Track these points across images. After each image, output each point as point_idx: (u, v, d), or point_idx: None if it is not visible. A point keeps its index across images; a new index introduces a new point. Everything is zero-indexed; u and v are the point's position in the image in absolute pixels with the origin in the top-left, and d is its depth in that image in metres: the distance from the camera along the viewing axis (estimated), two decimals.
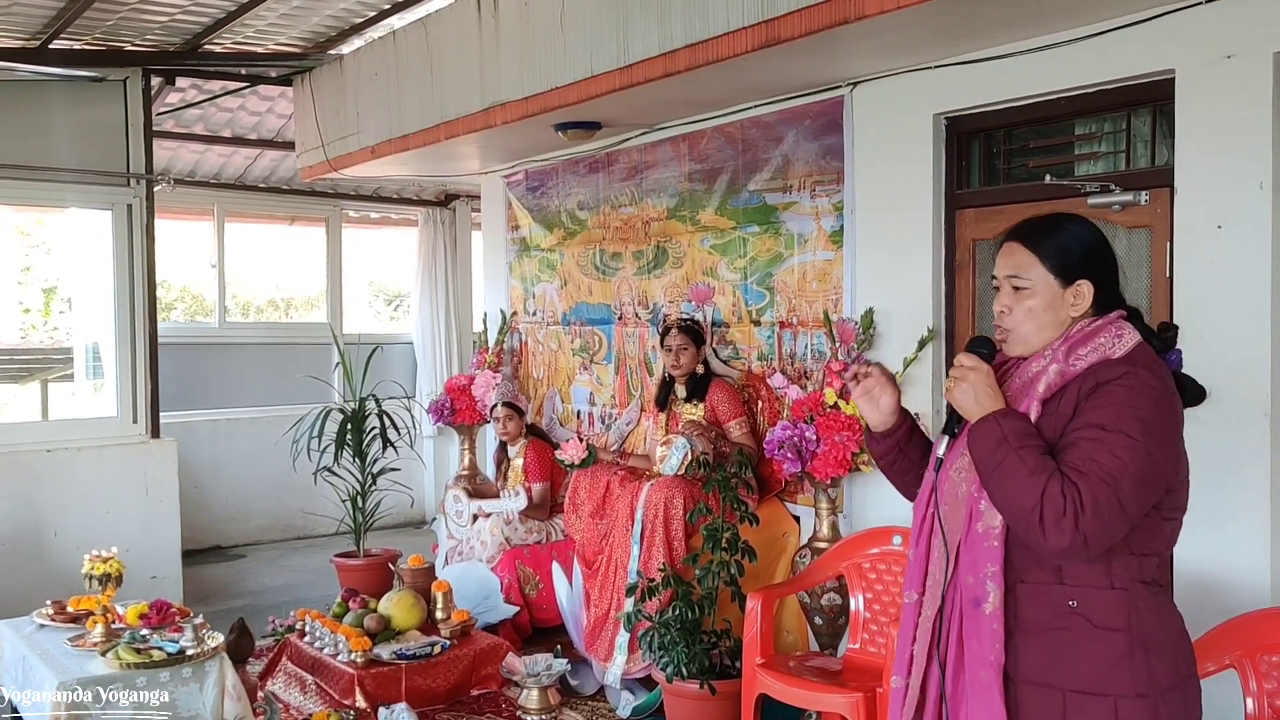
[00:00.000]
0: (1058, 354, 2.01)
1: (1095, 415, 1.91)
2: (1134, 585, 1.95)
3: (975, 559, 2.00)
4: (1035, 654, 1.96)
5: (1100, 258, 2.08)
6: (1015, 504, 1.89)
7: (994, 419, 1.95)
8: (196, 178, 8.26)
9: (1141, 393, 1.90)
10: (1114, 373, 1.93)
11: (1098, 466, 1.85)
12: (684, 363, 5.12)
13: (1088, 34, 3.74)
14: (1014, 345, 2.09)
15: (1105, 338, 2.00)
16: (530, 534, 5.68)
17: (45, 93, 6.38)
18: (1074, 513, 1.83)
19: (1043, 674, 1.95)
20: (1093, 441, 1.88)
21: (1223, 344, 3.47)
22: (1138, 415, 1.88)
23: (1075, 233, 2.08)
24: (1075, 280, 2.04)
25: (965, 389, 2.00)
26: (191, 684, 3.80)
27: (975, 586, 1.99)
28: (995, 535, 1.98)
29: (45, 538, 6.16)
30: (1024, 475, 1.87)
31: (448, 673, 4.66)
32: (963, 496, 2.04)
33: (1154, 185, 3.71)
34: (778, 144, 4.99)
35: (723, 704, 4.13)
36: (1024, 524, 1.89)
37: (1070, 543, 1.84)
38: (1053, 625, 1.96)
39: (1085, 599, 1.94)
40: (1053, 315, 2.04)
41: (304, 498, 7.63)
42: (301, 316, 10.24)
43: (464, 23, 5.50)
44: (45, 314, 9.81)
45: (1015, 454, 1.89)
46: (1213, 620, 3.31)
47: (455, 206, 9.41)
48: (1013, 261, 2.08)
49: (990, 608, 1.96)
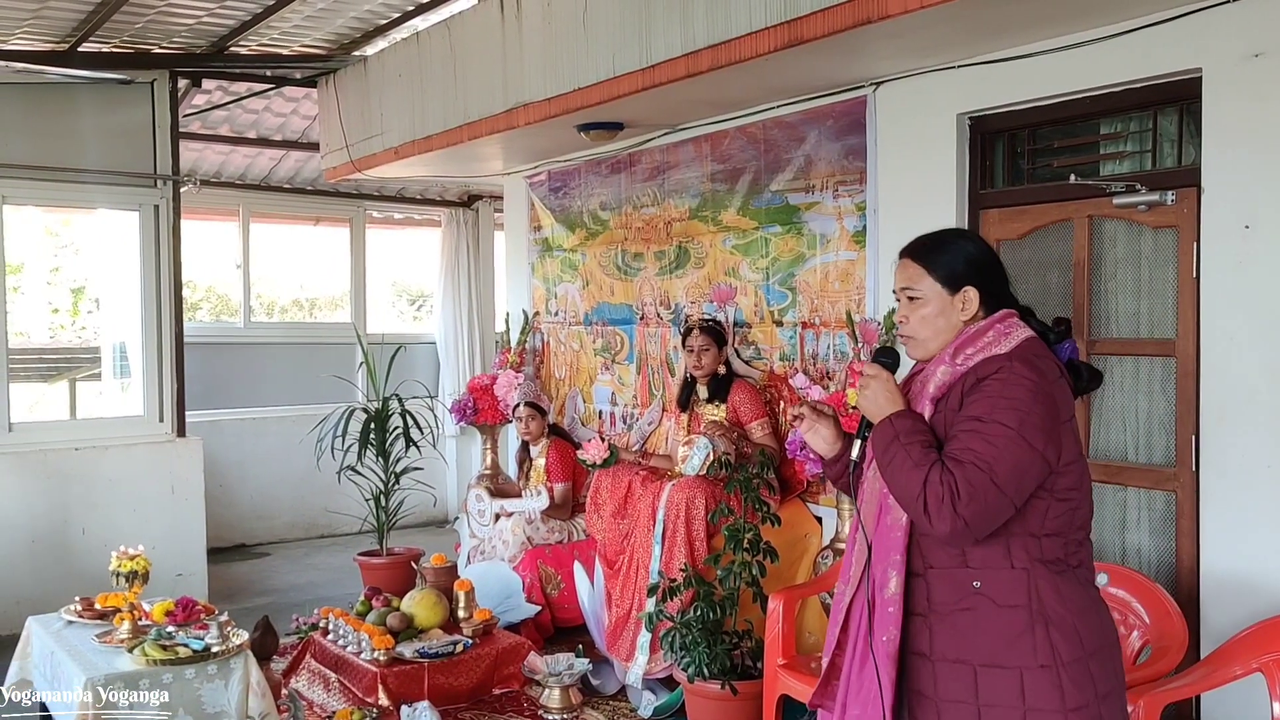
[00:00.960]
0: (944, 356, 2.19)
1: (973, 409, 2.08)
2: (1033, 564, 2.09)
3: (884, 549, 2.17)
4: (947, 633, 2.11)
5: (983, 265, 2.26)
6: (904, 493, 2.07)
7: (889, 420, 2.15)
8: (222, 179, 8.33)
9: (1016, 384, 2.06)
10: (992, 368, 2.10)
11: (973, 454, 2.02)
12: (706, 363, 5.11)
13: (1113, 33, 3.71)
14: (915, 349, 2.28)
15: (992, 336, 2.16)
16: (552, 533, 5.69)
17: (74, 95, 6.45)
18: (950, 498, 2.00)
19: (955, 651, 2.10)
20: (970, 433, 2.05)
21: (1251, 344, 3.44)
22: (1011, 405, 2.04)
23: (959, 245, 2.28)
24: (961, 287, 2.22)
25: (868, 395, 2.20)
26: (217, 681, 3.83)
27: (881, 574, 2.16)
28: (900, 527, 2.15)
29: (73, 535, 6.22)
30: (909, 467, 2.06)
31: (470, 671, 4.68)
32: (875, 493, 2.23)
33: (1181, 185, 3.68)
34: (800, 144, 4.98)
35: (744, 705, 4.12)
36: (913, 512, 2.07)
37: (951, 526, 2.01)
38: (960, 605, 2.11)
39: (988, 579, 2.09)
40: (945, 320, 2.22)
41: (328, 496, 7.68)
42: (326, 316, 10.30)
43: (487, 24, 5.52)
44: (73, 314, 9.91)
45: (904, 449, 2.08)
46: (1242, 623, 3.29)
47: (478, 207, 9.44)
48: (905, 275, 2.27)
49: (889, 592, 2.13)
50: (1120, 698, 2.17)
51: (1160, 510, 3.82)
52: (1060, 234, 4.10)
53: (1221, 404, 3.54)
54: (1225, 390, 3.52)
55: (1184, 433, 3.69)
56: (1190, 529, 3.67)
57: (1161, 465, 3.80)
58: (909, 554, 2.14)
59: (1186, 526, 3.70)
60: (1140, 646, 3.40)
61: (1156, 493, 3.82)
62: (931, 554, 2.13)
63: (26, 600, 5.66)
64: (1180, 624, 3.35)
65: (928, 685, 2.12)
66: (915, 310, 2.25)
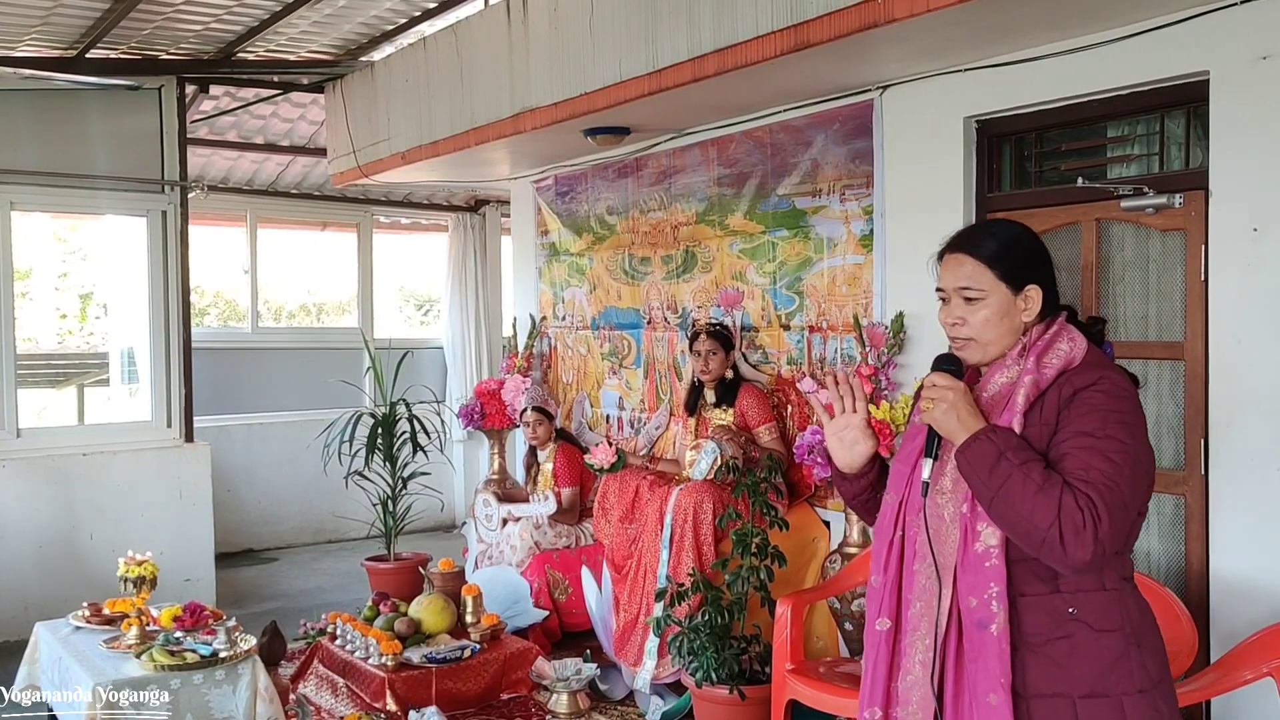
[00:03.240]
0: (1028, 364, 2.00)
1: (1082, 423, 1.91)
2: (1121, 584, 1.97)
3: (977, 581, 1.95)
4: (1042, 666, 1.93)
5: (1042, 261, 2.09)
6: (1027, 522, 1.85)
7: (985, 437, 1.92)
8: (229, 184, 8.35)
9: (1119, 396, 1.93)
10: (1089, 378, 1.94)
11: (1100, 474, 1.85)
12: (713, 367, 5.11)
13: (1120, 35, 3.71)
14: (974, 353, 2.07)
15: (1064, 343, 2.01)
16: (560, 538, 5.69)
17: (82, 101, 6.48)
18: (1093, 523, 1.81)
19: (1051, 685, 1.93)
20: (1088, 450, 1.88)
21: (1260, 347, 3.43)
22: (1121, 419, 1.91)
23: (1015, 236, 2.09)
24: (1024, 285, 2.04)
25: (946, 409, 1.97)
26: (224, 686, 3.83)
27: (980, 609, 1.94)
28: (995, 555, 1.94)
29: (81, 541, 6.24)
30: (1033, 492, 1.84)
31: (478, 676, 4.67)
32: (952, 518, 2.00)
33: (1188, 188, 3.66)
34: (807, 148, 4.98)
35: (752, 709, 4.11)
36: (1038, 541, 1.85)
37: (1092, 554, 1.82)
38: (1055, 635, 1.94)
39: (1082, 604, 1.94)
40: (1009, 322, 2.05)
41: (335, 501, 7.69)
42: (333, 321, 10.32)
43: (494, 29, 5.53)
44: (81, 319, 9.93)
45: (1019, 470, 1.86)
46: (1252, 627, 3.28)
47: (485, 212, 9.45)
48: (962, 271, 2.06)
49: (998, 628, 1.92)
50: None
51: (1169, 514, 3.81)
52: (1068, 237, 4.09)
53: (1230, 407, 3.52)
54: (1234, 393, 3.51)
55: (1193, 436, 3.68)
56: (1199, 532, 3.66)
57: (1170, 469, 3.79)
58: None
59: (1196, 530, 3.68)
60: None
61: (1166, 496, 3.81)
62: (1022, 581, 1.94)
63: (35, 606, 5.68)
64: (1190, 628, 3.34)
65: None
66: (975, 311, 2.04)
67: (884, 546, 2.11)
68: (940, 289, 2.12)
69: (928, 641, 2.01)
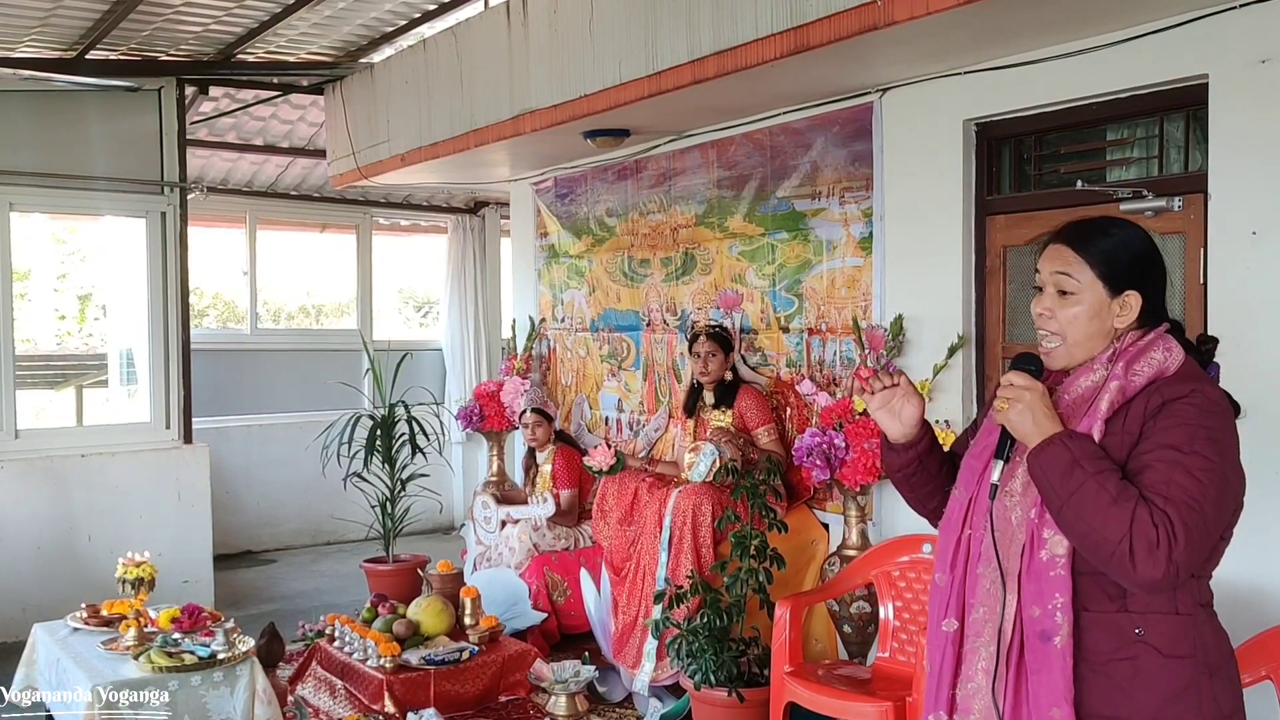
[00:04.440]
0: (1115, 370, 1.90)
1: (1168, 436, 1.81)
2: (1196, 609, 1.87)
3: (1041, 590, 1.87)
4: (1100, 686, 1.85)
5: (1151, 268, 1.98)
6: (1098, 534, 1.76)
7: (1060, 442, 1.82)
8: (229, 186, 8.35)
9: (1211, 411, 1.83)
10: (1180, 390, 1.84)
11: (1181, 491, 1.75)
12: (712, 369, 5.11)
13: (1120, 39, 3.71)
14: (1058, 353, 1.98)
15: (1158, 352, 1.90)
16: (558, 540, 5.68)
17: (81, 103, 6.48)
18: (1167, 542, 1.72)
19: (1110, 708, 1.85)
20: (1171, 464, 1.78)
21: (1258, 351, 3.43)
22: (1210, 435, 1.80)
23: (1125, 239, 1.97)
24: (1124, 290, 1.94)
25: (1022, 410, 1.87)
26: (222, 688, 3.83)
27: (1043, 619, 1.86)
28: (1061, 564, 1.85)
29: (79, 542, 6.23)
30: (1106, 503, 1.75)
31: (476, 678, 4.67)
32: (1019, 523, 1.92)
33: (1188, 191, 3.67)
34: (806, 150, 4.98)
35: (751, 712, 4.11)
36: (1107, 555, 1.76)
37: (1164, 574, 1.72)
38: (1118, 655, 1.85)
39: (1151, 626, 1.84)
40: (1099, 325, 1.94)
41: (334, 503, 7.67)
42: (332, 323, 10.32)
43: (494, 31, 5.53)
44: (80, 320, 9.93)
45: (1093, 480, 1.77)
46: (1250, 631, 3.27)
47: (484, 214, 9.45)
48: (1060, 262, 1.97)
49: (1061, 641, 1.84)
50: None
51: None
52: None
53: None
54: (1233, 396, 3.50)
55: None
56: None
57: None
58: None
59: None
60: None
61: None
62: (1087, 595, 1.85)
63: (33, 607, 5.67)
64: None
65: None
66: (1065, 307, 1.95)
67: (950, 544, 2.04)
68: (1037, 271, 2.04)
69: (991, 649, 1.94)
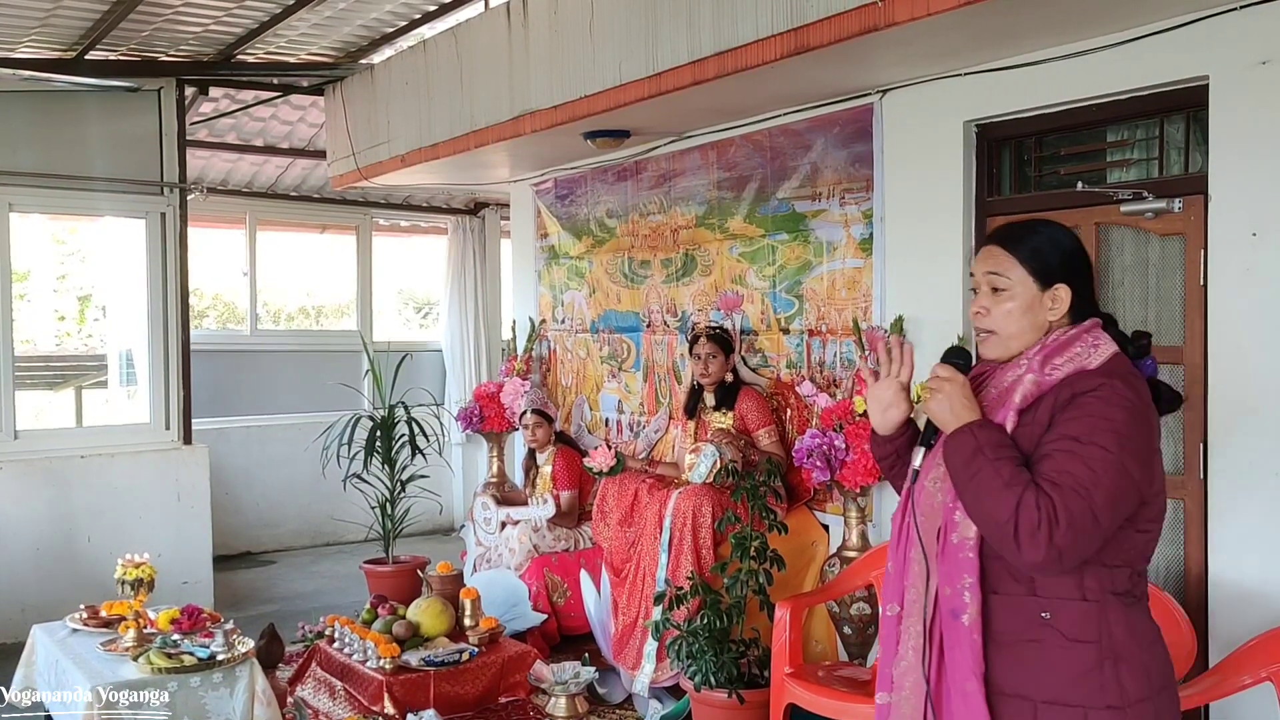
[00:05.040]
0: (1033, 363, 2.00)
1: (1070, 427, 1.90)
2: (1105, 597, 1.94)
3: (952, 570, 1.98)
4: (1008, 665, 1.95)
5: (1077, 262, 2.08)
6: (990, 516, 1.88)
7: (969, 430, 1.95)
8: (229, 186, 8.34)
9: (1117, 404, 1.89)
10: (1090, 384, 1.92)
11: (1072, 479, 1.84)
12: (713, 371, 5.11)
13: (1120, 40, 3.71)
14: (993, 347, 2.09)
15: (1081, 347, 1.99)
16: (558, 541, 5.68)
17: (81, 103, 6.47)
18: (1048, 525, 1.82)
19: (1015, 685, 1.94)
20: (1067, 453, 1.87)
21: (1258, 352, 3.43)
22: (1112, 427, 1.88)
23: (1053, 236, 2.08)
24: (1053, 284, 2.04)
25: (941, 400, 2.00)
26: (222, 689, 3.83)
27: (953, 598, 1.98)
28: (970, 546, 1.96)
29: (79, 543, 6.23)
30: (999, 487, 1.87)
31: (476, 680, 4.67)
32: (938, 507, 2.03)
33: (1188, 192, 3.67)
34: (806, 151, 4.98)
35: (751, 713, 4.11)
36: (998, 536, 1.88)
37: (1045, 556, 1.83)
38: (1025, 636, 1.95)
39: (1058, 610, 1.93)
40: (1031, 318, 2.04)
41: (334, 504, 7.68)
42: (332, 324, 10.32)
43: (494, 32, 5.53)
44: (80, 321, 9.93)
45: (990, 465, 1.89)
46: (1251, 632, 3.28)
47: (484, 215, 9.45)
48: (992, 261, 2.08)
49: (969, 619, 1.95)
50: None
51: (1168, 518, 3.79)
52: None
53: (1229, 412, 3.52)
54: (1233, 398, 3.51)
55: (1192, 440, 3.68)
56: (1198, 537, 3.66)
57: (1170, 473, 3.78)
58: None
59: (1195, 534, 3.68)
60: None
61: None
62: (997, 579, 1.96)
63: (32, 608, 5.67)
64: (1189, 632, 3.34)
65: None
66: (999, 303, 2.05)
67: (895, 533, 2.15)
68: (972, 274, 2.14)
69: (919, 628, 2.05)
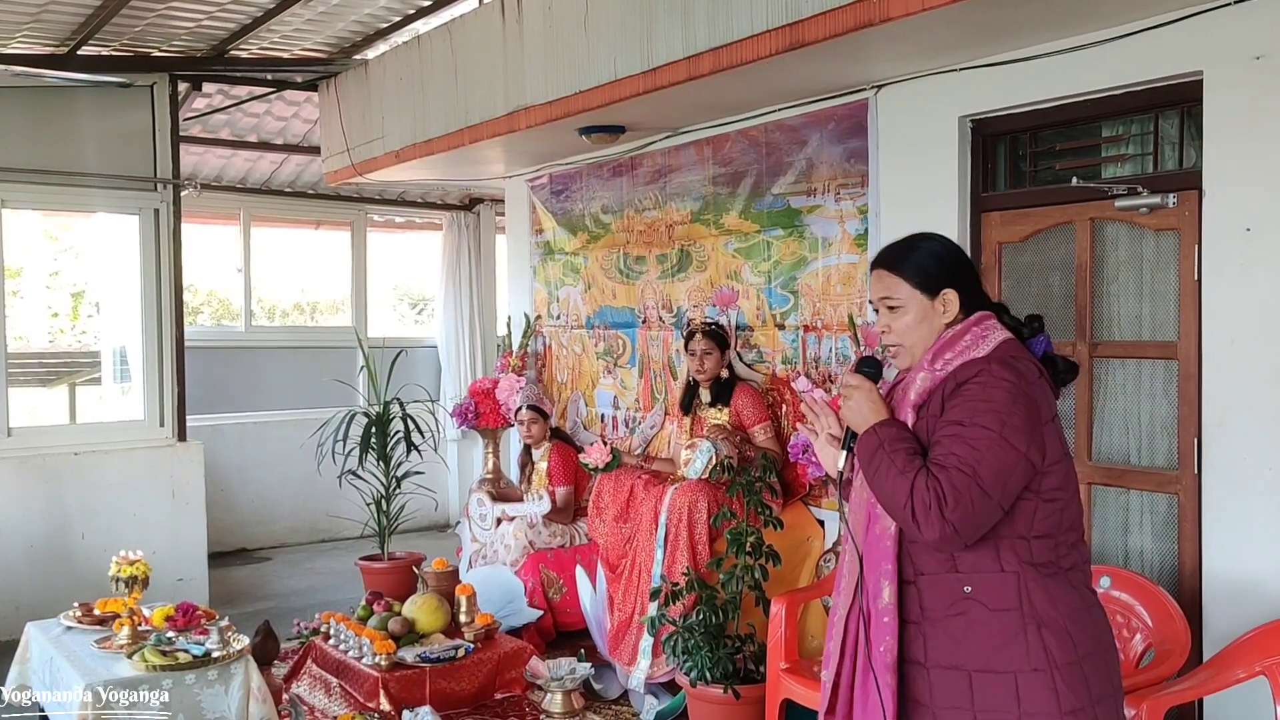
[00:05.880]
0: (923, 362, 2.19)
1: (954, 413, 2.08)
2: (1023, 567, 2.08)
3: (874, 559, 2.17)
4: (940, 639, 2.10)
5: (955, 265, 2.25)
6: (891, 501, 2.07)
7: (873, 429, 2.15)
8: (223, 182, 8.32)
9: (995, 386, 2.06)
10: (971, 372, 2.10)
11: (955, 459, 2.02)
12: (708, 367, 5.11)
13: (1115, 35, 3.71)
14: (903, 358, 2.26)
15: (969, 339, 2.17)
16: (554, 538, 5.68)
17: (73, 99, 6.45)
18: (938, 504, 2.00)
19: (949, 657, 2.09)
20: (952, 437, 2.05)
21: (1253, 347, 3.44)
22: (991, 408, 2.05)
23: (929, 249, 2.27)
24: (940, 290, 2.21)
25: (851, 405, 2.20)
26: (217, 686, 3.82)
27: (874, 584, 2.15)
28: (889, 536, 2.14)
29: (72, 540, 6.21)
30: (895, 475, 2.06)
31: (472, 676, 4.67)
32: (862, 503, 2.22)
33: (1182, 188, 3.67)
34: (801, 147, 4.98)
35: (747, 709, 4.11)
36: (901, 519, 2.07)
37: (940, 532, 2.01)
38: (952, 611, 2.10)
39: (978, 584, 2.09)
40: (928, 326, 2.22)
41: (329, 501, 7.66)
42: (327, 320, 10.30)
43: (488, 27, 5.52)
44: (73, 318, 9.90)
45: (888, 457, 2.08)
46: (1245, 627, 3.29)
47: (479, 210, 9.43)
48: (882, 284, 2.27)
49: (884, 602, 2.13)
50: (1116, 701, 2.15)
51: (1162, 513, 3.82)
52: (1062, 237, 4.10)
53: (1224, 407, 3.53)
54: (1227, 393, 3.52)
55: (1186, 436, 3.68)
56: (1192, 532, 3.66)
57: (1164, 468, 3.80)
58: (899, 562, 2.14)
59: (1189, 529, 3.69)
60: (1143, 650, 3.40)
61: (1159, 496, 3.82)
62: (921, 561, 2.12)
63: (26, 606, 5.65)
64: (1183, 627, 3.34)
65: (924, 693, 2.11)
66: (897, 319, 2.24)
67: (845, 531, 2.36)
68: (870, 300, 2.34)
69: (842, 613, 2.26)
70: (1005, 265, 4.30)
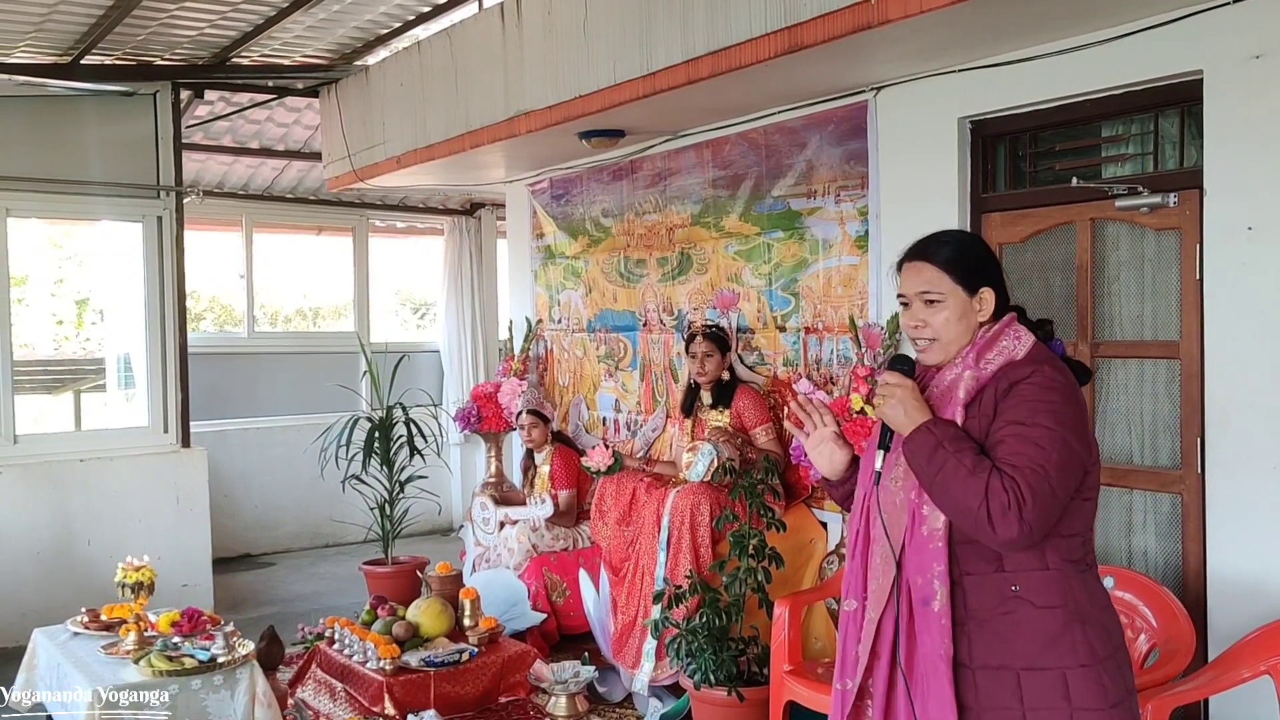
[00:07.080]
0: (968, 361, 2.18)
1: (1013, 413, 2.08)
2: (1064, 565, 2.10)
3: (922, 560, 2.12)
4: (987, 639, 2.09)
5: (993, 265, 2.26)
6: (960, 504, 2.03)
7: (927, 428, 2.11)
8: (225, 189, 8.34)
9: (1050, 387, 2.08)
10: (1024, 372, 2.11)
11: (1025, 458, 2.02)
12: (709, 369, 5.11)
13: (1114, 35, 3.71)
14: (935, 354, 2.24)
15: (1007, 340, 2.18)
16: (557, 541, 5.68)
17: (77, 107, 6.47)
18: (1017, 504, 1.98)
19: (996, 657, 2.08)
20: (1016, 437, 2.05)
21: (1255, 346, 3.43)
22: (1049, 408, 2.06)
23: (970, 245, 2.28)
24: (979, 288, 2.21)
25: (894, 404, 2.16)
26: (223, 691, 3.83)
27: (924, 586, 2.11)
28: (939, 536, 2.11)
29: (78, 547, 6.23)
30: (964, 476, 2.02)
31: (476, 680, 4.67)
32: (902, 504, 2.18)
33: (1183, 187, 3.67)
34: (801, 149, 4.99)
35: (750, 711, 4.11)
36: (971, 521, 2.03)
37: (1018, 533, 1.99)
38: (998, 610, 2.09)
39: (1025, 582, 2.09)
40: (966, 323, 2.21)
41: (332, 506, 7.67)
42: (329, 326, 10.31)
43: (488, 33, 5.53)
44: (78, 325, 9.92)
45: (953, 457, 2.04)
46: (1249, 626, 3.28)
47: (480, 215, 9.45)
48: (922, 277, 2.23)
49: (939, 604, 2.10)
50: (1135, 692, 2.18)
51: (1166, 513, 3.81)
52: (1063, 237, 4.10)
53: (1226, 406, 3.53)
54: (1230, 392, 3.51)
55: (1189, 435, 3.68)
56: (1196, 531, 3.66)
57: (1167, 468, 3.80)
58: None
59: (1193, 529, 3.69)
60: (1148, 650, 3.40)
61: (1162, 495, 3.82)
62: (968, 561, 2.11)
63: (32, 612, 5.66)
64: (1187, 627, 3.34)
65: (969, 695, 2.09)
66: (935, 314, 2.21)
67: (853, 534, 2.30)
68: (902, 295, 2.28)
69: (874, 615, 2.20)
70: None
